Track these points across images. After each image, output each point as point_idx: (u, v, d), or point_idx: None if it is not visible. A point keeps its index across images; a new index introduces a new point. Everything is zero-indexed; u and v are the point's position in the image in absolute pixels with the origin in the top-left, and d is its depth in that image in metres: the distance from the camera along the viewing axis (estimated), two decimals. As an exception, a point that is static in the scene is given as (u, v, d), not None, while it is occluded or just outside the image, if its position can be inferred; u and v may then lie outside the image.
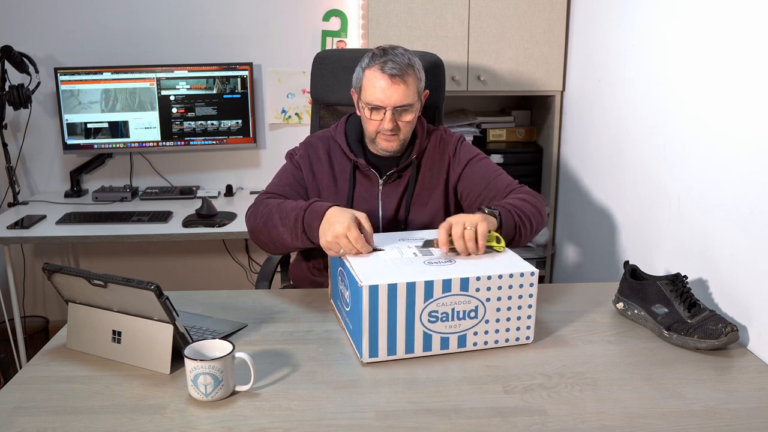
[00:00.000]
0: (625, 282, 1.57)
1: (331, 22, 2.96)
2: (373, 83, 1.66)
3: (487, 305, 1.35)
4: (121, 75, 2.82)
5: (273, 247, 1.66)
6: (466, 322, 1.35)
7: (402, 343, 1.33)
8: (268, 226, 1.61)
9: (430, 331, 1.33)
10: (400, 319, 1.31)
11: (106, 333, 1.34)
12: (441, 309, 1.32)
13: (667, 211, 1.85)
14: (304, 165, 1.78)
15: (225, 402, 1.19)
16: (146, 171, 3.09)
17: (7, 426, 1.12)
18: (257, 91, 3.02)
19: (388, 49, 1.68)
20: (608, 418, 1.16)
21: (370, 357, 1.32)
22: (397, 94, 1.65)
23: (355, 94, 1.76)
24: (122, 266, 3.22)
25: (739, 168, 1.50)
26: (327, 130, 1.86)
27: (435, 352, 1.36)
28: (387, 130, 1.69)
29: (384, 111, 1.67)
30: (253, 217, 1.67)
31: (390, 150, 1.74)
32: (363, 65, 1.70)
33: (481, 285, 1.33)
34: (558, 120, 2.79)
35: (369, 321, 1.29)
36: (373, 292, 1.28)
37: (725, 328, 1.37)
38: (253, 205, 1.70)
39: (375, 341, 1.31)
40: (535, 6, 2.65)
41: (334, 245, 1.43)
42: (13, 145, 2.97)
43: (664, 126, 1.88)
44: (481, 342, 1.38)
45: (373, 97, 1.66)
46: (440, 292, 1.31)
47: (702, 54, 1.68)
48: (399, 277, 1.30)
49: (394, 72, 1.63)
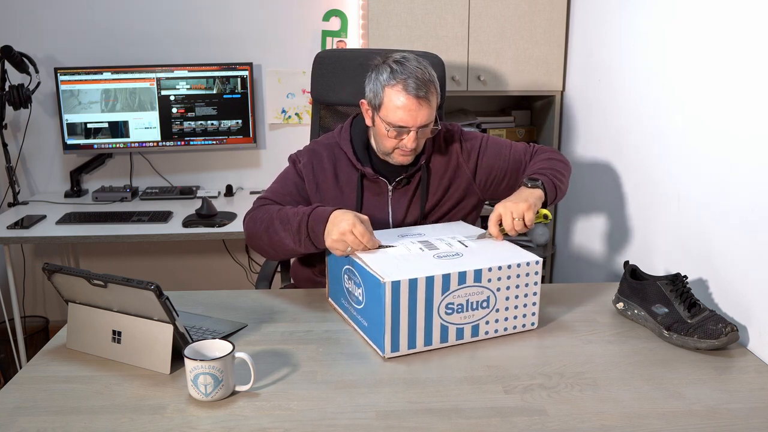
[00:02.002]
0: (625, 282, 1.57)
1: (331, 22, 2.96)
2: (396, 104, 1.58)
3: (497, 294, 1.41)
4: (121, 75, 2.82)
5: (272, 253, 1.63)
6: (479, 312, 1.40)
7: (422, 337, 1.37)
8: (269, 232, 1.58)
9: (447, 322, 1.38)
10: (420, 313, 1.35)
11: (106, 333, 1.34)
12: (457, 300, 1.37)
13: (667, 211, 1.85)
14: (307, 175, 1.72)
15: (225, 402, 1.20)
16: (146, 171, 3.10)
17: (7, 426, 1.12)
18: (257, 91, 3.02)
19: (403, 62, 1.60)
20: (608, 418, 1.16)
21: (392, 352, 1.35)
22: (422, 115, 1.58)
23: (367, 108, 1.68)
24: (122, 266, 3.22)
25: (740, 168, 1.50)
26: (331, 134, 1.79)
27: (451, 342, 1.40)
28: (409, 149, 1.63)
29: (407, 131, 1.60)
30: (252, 222, 1.64)
31: (405, 163, 1.70)
32: (382, 82, 1.59)
33: (492, 275, 1.39)
34: (558, 120, 2.80)
35: (391, 316, 1.32)
36: (395, 288, 1.31)
37: (725, 328, 1.37)
38: (252, 210, 1.67)
39: (396, 336, 1.34)
40: (535, 6, 2.65)
41: (340, 243, 1.44)
42: (13, 145, 2.97)
43: (664, 126, 1.88)
44: (492, 330, 1.44)
45: (397, 119, 1.58)
46: (456, 284, 1.36)
47: (702, 54, 1.68)
48: (418, 271, 1.34)
49: (420, 93, 1.56)
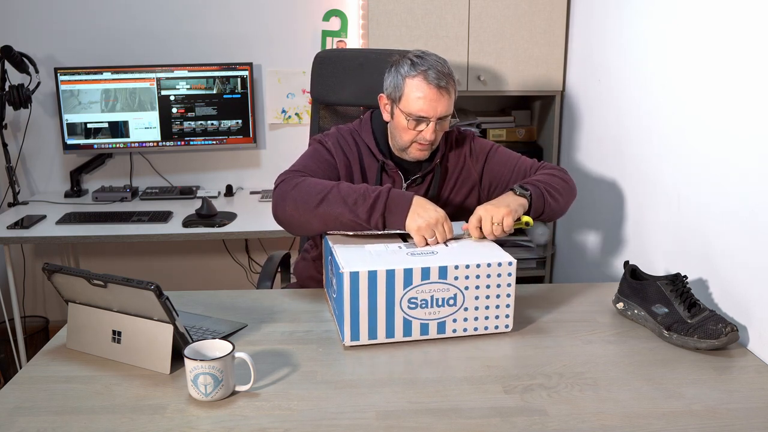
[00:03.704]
0: (625, 282, 1.57)
1: (331, 22, 2.96)
2: (417, 94, 1.60)
3: (465, 293, 1.41)
4: (121, 75, 2.82)
5: (308, 225, 1.55)
6: (445, 309, 1.41)
7: (383, 328, 1.39)
8: (322, 204, 1.50)
9: (410, 317, 1.39)
10: (380, 305, 1.37)
11: (106, 333, 1.34)
12: (420, 296, 1.38)
13: (667, 211, 1.85)
14: (337, 155, 1.71)
15: (225, 402, 1.20)
16: (146, 171, 3.09)
17: (7, 426, 1.12)
18: (257, 91, 3.01)
19: (423, 56, 1.63)
20: (608, 418, 1.16)
21: (351, 340, 1.38)
22: (442, 105, 1.61)
23: (386, 101, 1.69)
24: (122, 266, 3.22)
25: (740, 168, 1.50)
26: (351, 124, 1.79)
27: (415, 337, 1.42)
28: (427, 141, 1.64)
29: (426, 122, 1.62)
30: (296, 190, 1.55)
31: (422, 158, 1.71)
32: (403, 73, 1.62)
33: (459, 273, 1.39)
34: (558, 120, 2.79)
35: (350, 305, 1.35)
36: (354, 278, 1.34)
37: (725, 328, 1.37)
38: (289, 180, 1.58)
39: (356, 325, 1.37)
40: (535, 6, 2.65)
41: (428, 231, 1.48)
42: (13, 145, 2.97)
43: (665, 126, 1.88)
44: (460, 329, 1.44)
45: (417, 108, 1.60)
46: (419, 280, 1.37)
47: (702, 54, 1.68)
48: (380, 264, 1.36)
49: (441, 84, 1.59)
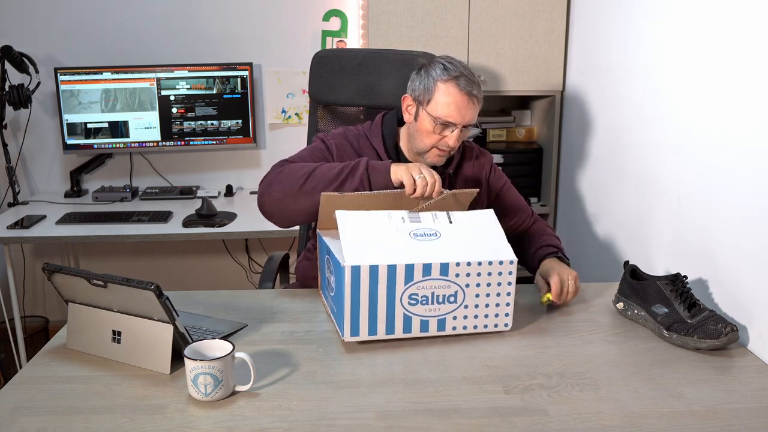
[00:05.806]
0: (625, 282, 1.57)
1: (331, 22, 2.96)
2: (447, 99, 1.60)
3: (466, 291, 1.40)
4: (121, 75, 2.82)
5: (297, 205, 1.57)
6: (446, 306, 1.40)
7: (383, 324, 1.38)
8: (309, 180, 1.55)
9: (410, 313, 1.38)
10: (381, 300, 1.36)
11: (106, 333, 1.34)
12: (421, 292, 1.37)
13: (667, 211, 1.85)
14: (338, 154, 1.70)
15: (225, 402, 1.20)
16: (146, 171, 3.09)
17: (7, 426, 1.12)
18: (257, 91, 3.01)
19: (453, 61, 1.63)
20: (608, 418, 1.16)
21: (351, 336, 1.37)
22: (470, 113, 1.61)
23: (411, 102, 1.68)
24: (122, 266, 3.22)
25: (740, 167, 1.50)
26: (360, 127, 1.78)
27: (415, 334, 1.41)
28: (449, 147, 1.64)
29: (452, 128, 1.62)
30: (283, 175, 1.60)
31: (438, 164, 1.69)
32: (434, 76, 1.61)
33: (460, 270, 1.38)
34: (558, 120, 2.80)
35: (351, 300, 1.34)
36: (355, 272, 1.32)
37: (725, 328, 1.37)
38: (273, 169, 1.67)
39: (356, 321, 1.36)
40: (535, 6, 2.65)
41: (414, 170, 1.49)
42: (13, 145, 2.97)
43: (664, 126, 1.88)
44: (460, 327, 1.43)
45: (446, 113, 1.60)
46: (420, 276, 1.36)
47: (702, 53, 1.68)
48: (382, 258, 1.34)
49: (473, 91, 1.60)
